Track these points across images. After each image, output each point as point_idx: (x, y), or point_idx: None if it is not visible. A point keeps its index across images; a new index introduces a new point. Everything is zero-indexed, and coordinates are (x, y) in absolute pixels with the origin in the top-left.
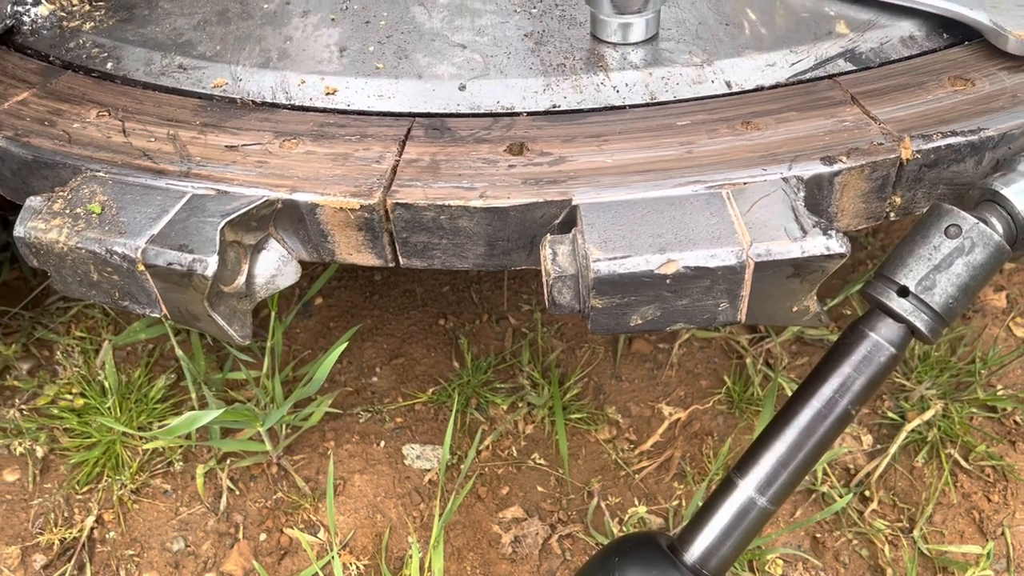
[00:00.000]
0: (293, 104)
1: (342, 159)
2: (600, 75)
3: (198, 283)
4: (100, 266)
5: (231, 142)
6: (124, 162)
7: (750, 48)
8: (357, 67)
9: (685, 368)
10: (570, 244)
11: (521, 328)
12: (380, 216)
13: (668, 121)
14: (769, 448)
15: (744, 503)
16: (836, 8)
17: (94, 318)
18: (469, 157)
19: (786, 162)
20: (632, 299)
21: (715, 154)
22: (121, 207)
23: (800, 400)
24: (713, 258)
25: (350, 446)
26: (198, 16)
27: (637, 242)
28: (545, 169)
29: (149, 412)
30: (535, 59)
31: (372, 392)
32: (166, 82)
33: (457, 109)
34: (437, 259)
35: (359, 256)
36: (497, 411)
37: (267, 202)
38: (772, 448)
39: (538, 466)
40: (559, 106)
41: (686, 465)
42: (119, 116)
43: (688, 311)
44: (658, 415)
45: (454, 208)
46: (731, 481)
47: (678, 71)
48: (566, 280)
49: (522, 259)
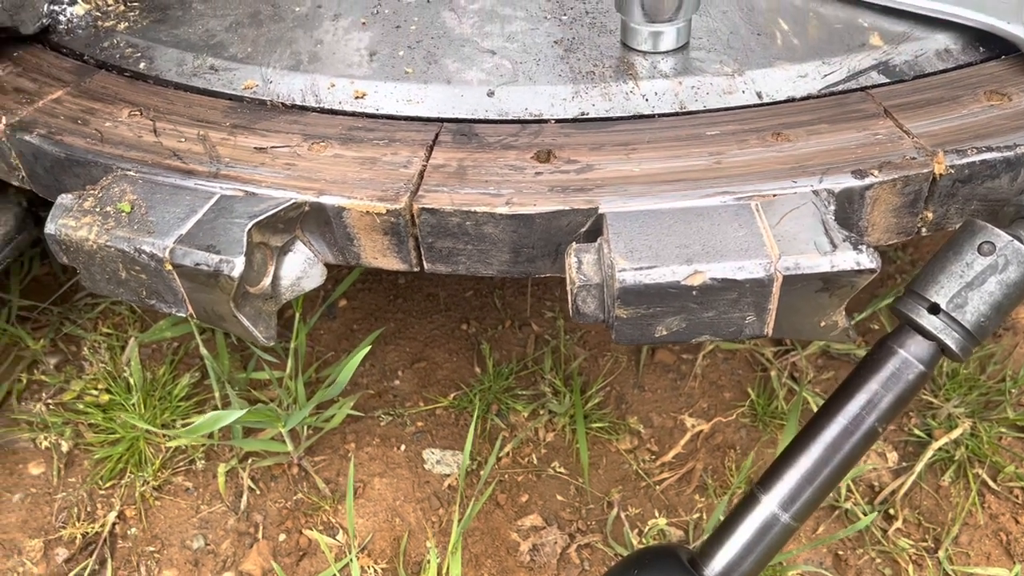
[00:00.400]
0: (322, 107)
1: (370, 163)
2: (629, 83)
3: (225, 284)
4: (128, 264)
5: (260, 144)
6: (154, 162)
7: (782, 59)
8: (387, 71)
9: (709, 379)
10: (596, 253)
11: (544, 335)
12: (406, 221)
13: (697, 131)
14: (793, 464)
15: (767, 519)
16: (870, 19)
17: (121, 315)
18: (496, 163)
19: (817, 175)
20: (657, 310)
21: (744, 165)
22: (150, 206)
23: (826, 416)
24: (741, 270)
25: (371, 449)
26: (230, 18)
27: (664, 252)
28: (572, 177)
29: (173, 409)
30: (564, 66)
31: (394, 395)
32: (197, 83)
33: (485, 115)
34: (462, 265)
35: (384, 260)
36: (518, 418)
37: (294, 204)
38: (796, 464)
39: (558, 474)
40: (587, 114)
41: (708, 478)
42: (150, 116)
43: (714, 323)
44: (680, 426)
45: (480, 214)
46: (754, 496)
47: (708, 81)
48: (591, 289)
49: (547, 267)
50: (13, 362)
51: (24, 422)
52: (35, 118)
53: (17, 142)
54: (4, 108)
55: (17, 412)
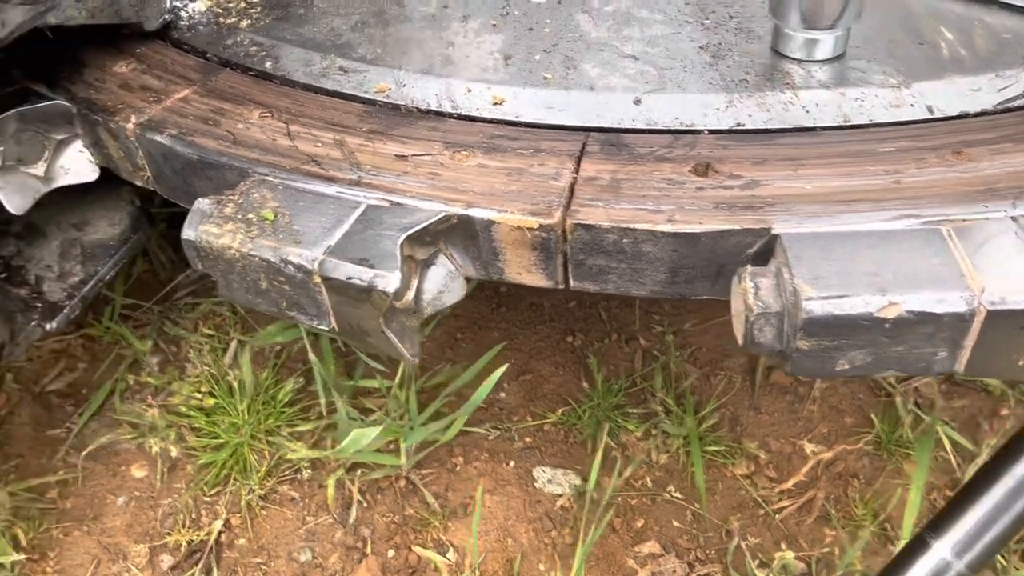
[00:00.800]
0: (460, 113)
1: (516, 174)
2: (787, 93)
3: (377, 299)
4: (272, 275)
5: (400, 151)
6: (292, 167)
7: (950, 70)
8: (524, 77)
9: (828, 403)
10: (774, 278)
11: (652, 350)
12: (558, 236)
13: (868, 147)
14: (970, 508)
15: (938, 566)
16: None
17: (222, 315)
18: (652, 177)
19: (1009, 199)
20: (843, 342)
21: (927, 185)
22: (294, 215)
23: (1009, 458)
24: (941, 303)
25: (479, 464)
26: (355, 17)
27: (853, 281)
28: (737, 193)
29: (277, 416)
30: (714, 73)
31: (500, 408)
32: (327, 84)
33: (633, 124)
34: (611, 284)
35: (528, 276)
36: (629, 438)
37: (444, 218)
38: (974, 509)
39: (674, 499)
40: (744, 125)
41: (830, 508)
42: (282, 118)
43: (902, 358)
44: (800, 452)
45: (639, 232)
46: (923, 541)
47: (873, 92)
48: (769, 318)
49: (705, 288)
50: (115, 361)
51: (128, 423)
52: (164, 117)
53: (147, 142)
54: (132, 107)
55: (119, 412)
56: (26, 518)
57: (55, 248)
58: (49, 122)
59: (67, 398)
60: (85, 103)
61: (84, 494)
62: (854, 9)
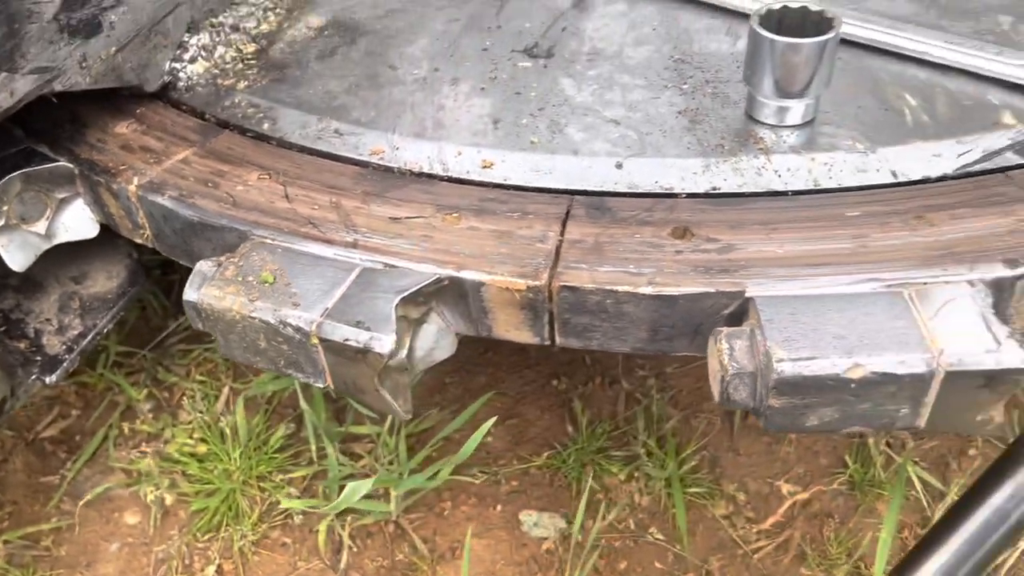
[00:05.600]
0: (450, 176)
1: (505, 237)
2: (761, 158)
3: (373, 360)
4: (271, 336)
5: (394, 213)
6: (291, 229)
7: (914, 136)
8: (512, 140)
9: (804, 445)
10: (748, 340)
11: (635, 393)
12: (545, 297)
13: (837, 211)
14: (932, 556)
15: None
16: (1000, 97)
17: (214, 362)
18: (633, 239)
19: (967, 263)
20: (812, 401)
21: (890, 250)
22: (293, 277)
23: (968, 507)
24: (902, 365)
25: (467, 508)
26: (349, 79)
27: (821, 343)
28: (714, 256)
29: (268, 462)
30: (691, 138)
31: (487, 453)
32: (323, 147)
33: (615, 188)
34: (596, 341)
35: (516, 333)
36: (612, 480)
37: (436, 279)
38: (936, 556)
39: (656, 541)
40: (719, 188)
41: (806, 547)
42: (280, 180)
43: (868, 415)
44: (777, 493)
45: (621, 293)
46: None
47: (842, 157)
48: (744, 377)
49: (683, 346)
50: (108, 407)
51: (121, 470)
52: (165, 179)
53: (148, 203)
54: (133, 168)
55: (113, 459)
56: (20, 565)
57: (54, 301)
58: (52, 182)
59: (60, 445)
60: (87, 164)
61: (78, 541)
62: (823, 77)
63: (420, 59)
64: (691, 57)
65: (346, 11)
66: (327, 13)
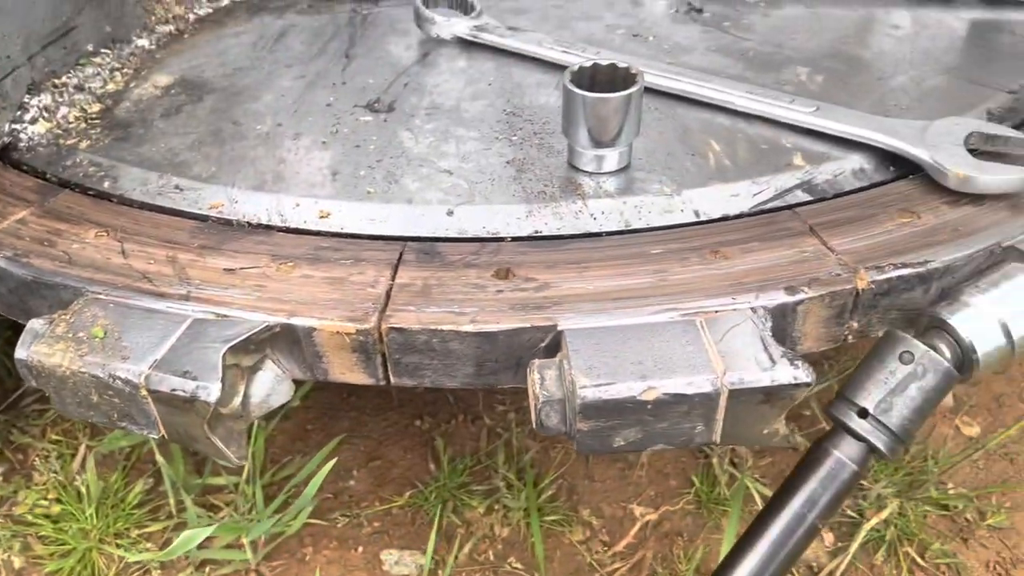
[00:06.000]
0: (288, 227)
1: (338, 283)
2: (579, 203)
3: (201, 408)
4: (101, 390)
5: (229, 265)
6: (125, 284)
7: (715, 179)
8: (349, 191)
9: (655, 468)
10: (557, 369)
11: (496, 428)
12: (375, 339)
13: (642, 249)
14: (742, 561)
15: None
16: (793, 141)
17: (70, 422)
18: (459, 282)
19: (753, 291)
20: (616, 423)
21: (687, 283)
22: (124, 331)
23: (771, 513)
24: (690, 386)
25: (328, 552)
26: (192, 136)
27: (620, 369)
28: (531, 295)
29: (126, 518)
30: (517, 186)
31: (349, 496)
32: (163, 202)
33: (446, 234)
34: (427, 378)
35: (352, 376)
36: (473, 514)
37: (266, 327)
38: (745, 561)
39: (515, 570)
40: (541, 232)
41: (658, 566)
42: (118, 237)
43: (667, 433)
44: (630, 516)
45: (446, 332)
46: None
47: (650, 200)
48: (554, 404)
49: (508, 379)
50: None
51: None
52: (0, 240)
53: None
54: None
55: None
56: None
57: None
58: None
59: None
60: None
61: None
62: (632, 127)
63: (264, 115)
64: (522, 110)
65: (194, 70)
66: (175, 72)
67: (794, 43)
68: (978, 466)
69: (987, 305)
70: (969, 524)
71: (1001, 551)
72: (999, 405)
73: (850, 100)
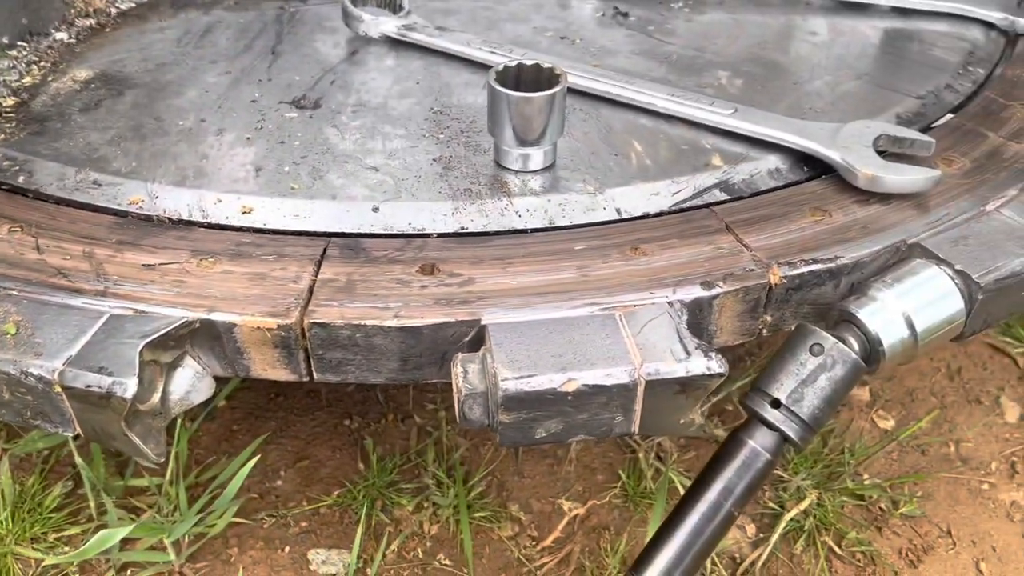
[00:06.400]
0: (210, 222)
1: (259, 279)
2: (504, 200)
3: (117, 405)
4: (13, 387)
5: (148, 260)
6: (39, 280)
7: (637, 178)
8: (273, 187)
9: (583, 463)
10: (480, 363)
11: (426, 427)
12: (297, 335)
13: (566, 245)
14: (662, 549)
15: None
16: (712, 141)
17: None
18: (384, 277)
19: (671, 286)
20: (537, 414)
21: (608, 278)
22: (37, 327)
23: (689, 503)
24: (609, 377)
25: (254, 552)
26: (112, 131)
27: (541, 362)
28: (455, 290)
29: (44, 522)
30: (444, 183)
31: (276, 496)
32: (80, 198)
33: (371, 230)
34: (351, 374)
35: (274, 372)
36: (402, 512)
37: (185, 323)
38: (665, 550)
39: (444, 567)
40: (467, 228)
41: (585, 559)
42: (32, 232)
43: (587, 424)
44: (558, 511)
45: (369, 327)
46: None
47: (574, 198)
48: (476, 397)
49: (433, 373)
50: None
51: None
52: None
53: None
54: None
55: None
56: None
57: None
58: None
59: None
60: None
61: None
62: (556, 127)
63: (187, 111)
64: (449, 109)
65: (115, 64)
66: (95, 67)
67: (715, 48)
68: (892, 458)
69: (892, 299)
70: (883, 513)
71: (913, 539)
72: (912, 399)
73: (768, 103)
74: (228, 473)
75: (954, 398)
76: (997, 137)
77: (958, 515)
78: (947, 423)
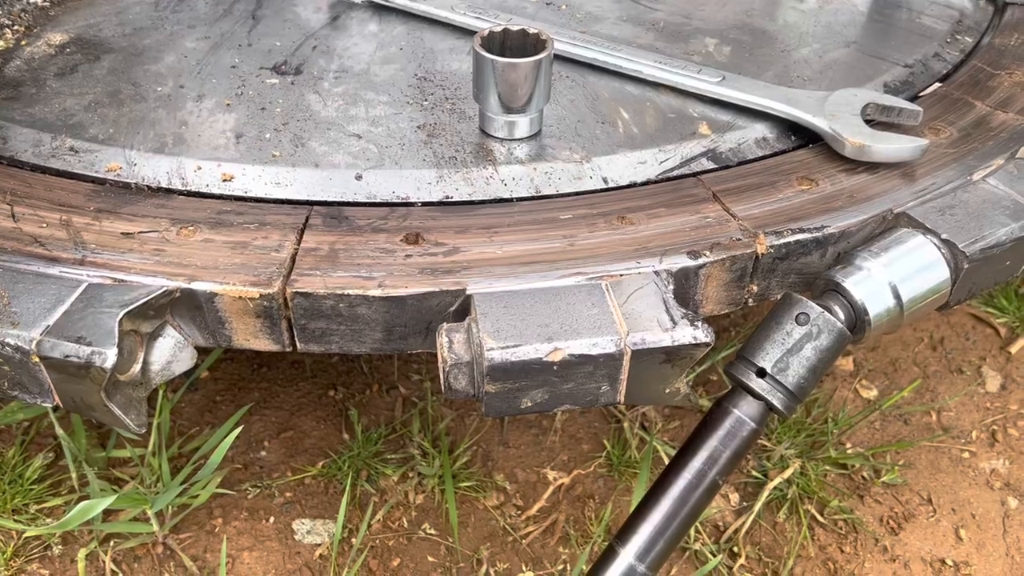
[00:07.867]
0: (190, 190)
1: (241, 247)
2: (489, 168)
3: (96, 375)
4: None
5: (127, 229)
6: (15, 249)
7: (624, 146)
8: (254, 154)
9: (568, 433)
10: (465, 332)
11: (411, 397)
12: (279, 304)
13: (552, 215)
14: (647, 518)
15: (625, 570)
16: (699, 110)
17: None
18: (367, 246)
19: (657, 255)
20: (523, 384)
21: (594, 247)
22: (14, 296)
23: (673, 471)
24: (595, 346)
25: (238, 523)
26: (89, 97)
27: (527, 331)
28: (440, 259)
29: (25, 494)
30: (428, 151)
31: (260, 467)
32: (56, 164)
33: (354, 198)
34: (335, 344)
35: (256, 342)
36: (388, 482)
37: (165, 292)
38: (649, 518)
39: (429, 536)
40: (452, 197)
41: (570, 528)
42: (7, 200)
43: (573, 393)
44: (543, 480)
45: (353, 297)
46: (613, 549)
47: (560, 167)
48: (461, 367)
49: (418, 343)
50: None
51: None
52: None
53: None
54: None
55: None
56: None
57: None
58: None
59: None
60: None
61: None
62: (542, 93)
63: (165, 76)
64: (433, 75)
65: (91, 29)
66: (71, 31)
67: (703, 14)
68: (875, 427)
69: (878, 268)
70: (865, 482)
71: (894, 506)
72: (895, 369)
73: (755, 71)
74: (211, 444)
75: (936, 368)
76: (984, 106)
77: (939, 483)
78: (929, 392)
